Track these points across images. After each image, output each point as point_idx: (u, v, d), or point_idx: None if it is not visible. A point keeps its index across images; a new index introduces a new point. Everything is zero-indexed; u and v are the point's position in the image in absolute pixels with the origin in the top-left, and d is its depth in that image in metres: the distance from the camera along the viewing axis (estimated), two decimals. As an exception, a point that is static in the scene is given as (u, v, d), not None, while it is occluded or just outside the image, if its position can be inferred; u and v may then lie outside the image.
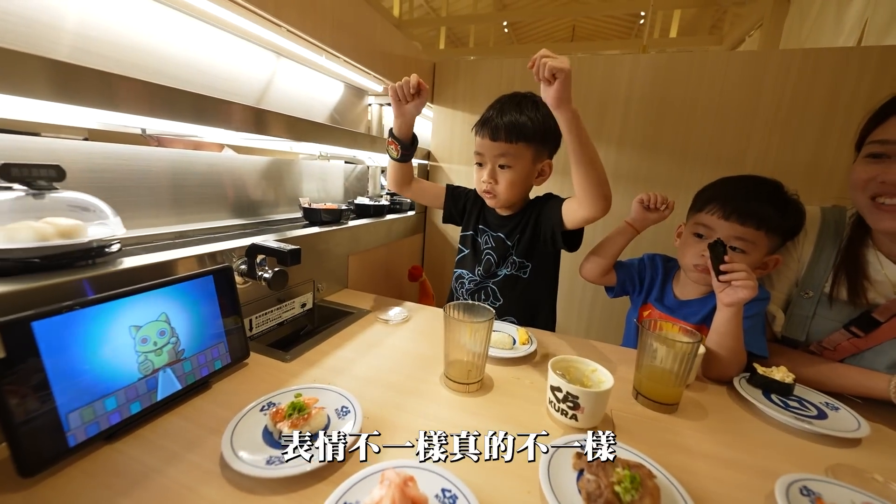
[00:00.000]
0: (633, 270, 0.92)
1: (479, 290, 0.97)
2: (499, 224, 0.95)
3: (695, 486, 0.45)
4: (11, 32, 0.62)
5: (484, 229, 0.97)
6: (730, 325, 0.67)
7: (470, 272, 0.99)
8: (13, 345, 0.40)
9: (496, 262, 0.94)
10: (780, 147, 1.24)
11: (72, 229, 0.54)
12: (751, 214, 0.70)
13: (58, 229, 0.52)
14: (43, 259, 0.51)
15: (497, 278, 0.94)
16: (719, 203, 0.73)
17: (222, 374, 0.62)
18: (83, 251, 0.55)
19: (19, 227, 0.50)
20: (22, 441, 0.40)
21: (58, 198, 0.56)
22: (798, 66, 1.19)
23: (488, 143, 0.82)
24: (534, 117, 0.79)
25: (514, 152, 0.81)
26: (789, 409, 0.61)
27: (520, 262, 0.92)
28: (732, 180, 0.78)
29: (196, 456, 0.45)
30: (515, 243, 0.91)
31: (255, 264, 0.73)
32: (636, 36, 6.71)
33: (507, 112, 0.80)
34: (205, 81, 0.94)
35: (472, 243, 0.99)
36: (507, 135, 0.80)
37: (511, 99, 0.83)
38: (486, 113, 0.84)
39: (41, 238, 0.50)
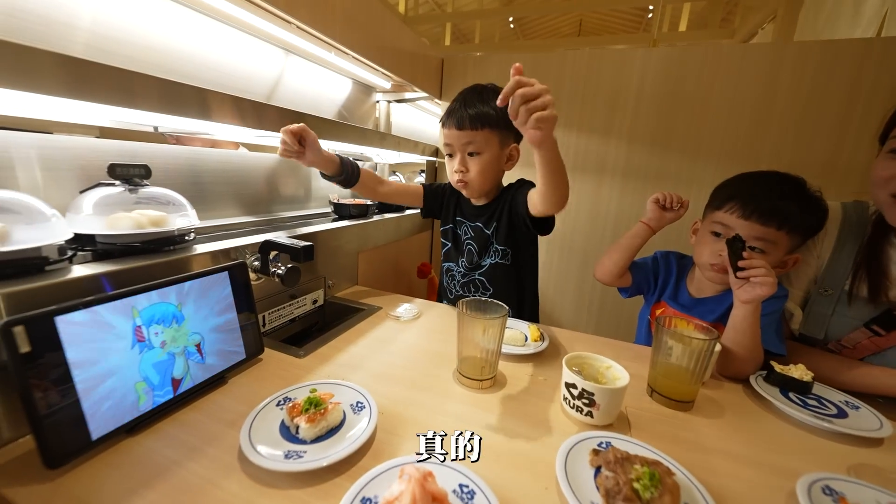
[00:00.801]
0: (648, 270, 0.90)
1: (468, 283, 0.99)
2: (475, 214, 0.96)
3: (714, 484, 0.44)
4: (29, 31, 0.62)
5: (461, 220, 0.99)
6: (746, 323, 0.66)
7: (455, 264, 1.01)
8: (37, 339, 0.40)
9: (478, 253, 0.96)
10: (795, 142, 1.22)
11: (160, 219, 0.63)
12: (773, 214, 0.68)
13: (149, 219, 0.62)
14: (141, 244, 0.61)
15: (483, 269, 0.96)
16: (739, 201, 0.71)
17: (238, 370, 0.63)
18: (169, 238, 0.65)
19: (121, 218, 0.60)
20: (47, 433, 0.41)
21: (147, 192, 0.65)
22: (816, 59, 1.16)
23: (455, 133, 0.84)
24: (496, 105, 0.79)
25: (480, 139, 0.83)
26: (808, 407, 0.60)
27: (502, 249, 0.93)
28: (753, 176, 0.75)
29: (215, 449, 0.46)
30: (494, 231, 0.93)
31: (269, 261, 0.73)
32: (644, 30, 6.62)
33: (470, 103, 0.82)
34: (215, 78, 0.95)
35: (452, 236, 1.01)
36: (472, 123, 0.81)
37: (473, 90, 0.85)
38: (451, 105, 0.86)
39: (138, 226, 0.60)
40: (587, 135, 1.46)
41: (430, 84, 1.58)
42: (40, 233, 0.50)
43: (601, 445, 0.48)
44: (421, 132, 2.13)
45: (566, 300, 1.62)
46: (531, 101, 0.52)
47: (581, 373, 0.58)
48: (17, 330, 0.39)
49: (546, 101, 0.52)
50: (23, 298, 0.45)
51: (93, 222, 0.58)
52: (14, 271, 0.47)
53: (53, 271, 0.50)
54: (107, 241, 0.58)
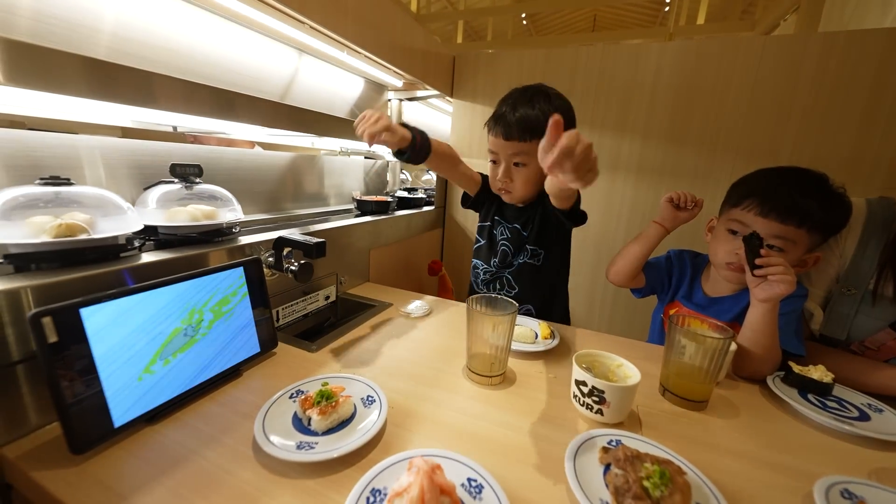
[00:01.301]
0: (662, 269, 0.89)
1: (494, 280, 0.98)
2: (514, 216, 0.95)
3: (727, 485, 0.44)
4: (56, 35, 0.65)
5: (500, 220, 0.97)
6: (764, 322, 0.64)
7: (485, 263, 1.00)
8: (63, 330, 0.42)
9: (512, 253, 0.95)
10: (819, 137, 1.18)
11: (212, 213, 0.71)
12: (792, 212, 0.66)
13: (203, 213, 0.69)
14: (196, 235, 0.69)
15: (512, 268, 0.94)
16: (757, 198, 0.69)
17: (252, 363, 0.64)
18: (219, 230, 0.73)
19: (178, 211, 0.67)
20: (72, 420, 0.42)
21: (200, 189, 0.72)
22: (841, 50, 1.12)
23: (502, 143, 0.80)
24: (547, 110, 0.77)
25: (528, 150, 0.79)
26: (828, 409, 0.59)
27: (533, 249, 0.91)
28: (772, 172, 0.73)
29: (230, 439, 0.47)
30: (529, 232, 0.92)
31: (282, 257, 0.75)
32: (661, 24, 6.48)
33: (518, 107, 0.78)
34: (232, 79, 0.97)
35: (488, 234, 1.00)
36: (521, 133, 0.78)
37: (523, 94, 0.80)
38: (498, 108, 0.82)
39: (193, 219, 0.68)
40: (600, 130, 1.44)
41: (442, 82, 1.58)
42: (118, 224, 0.57)
43: (611, 443, 0.48)
44: (432, 129, 2.13)
45: (578, 298, 1.60)
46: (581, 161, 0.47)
47: (591, 370, 0.58)
48: (46, 321, 0.41)
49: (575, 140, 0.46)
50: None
51: (156, 215, 0.66)
52: (96, 257, 0.54)
53: (127, 257, 0.57)
54: (168, 232, 0.66)
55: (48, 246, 0.50)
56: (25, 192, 0.52)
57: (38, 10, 0.63)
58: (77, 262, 0.52)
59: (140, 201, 0.68)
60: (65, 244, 0.51)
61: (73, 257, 0.52)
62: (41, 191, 0.53)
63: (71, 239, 0.51)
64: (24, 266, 0.50)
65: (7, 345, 0.44)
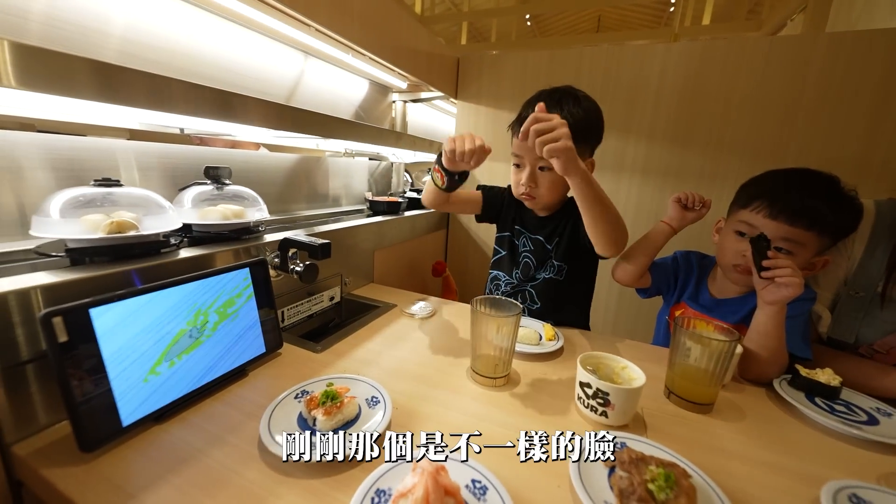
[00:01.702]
0: (668, 270, 0.88)
1: (515, 293, 0.94)
2: (537, 226, 0.91)
3: (732, 489, 0.43)
4: (67, 39, 0.66)
5: (521, 230, 0.94)
6: (770, 325, 0.63)
7: (507, 275, 0.96)
8: (73, 329, 0.43)
9: (535, 266, 0.92)
10: (826, 138, 1.17)
11: (240, 212, 0.75)
12: (801, 214, 0.65)
13: (233, 212, 0.74)
14: (227, 233, 0.74)
15: (536, 282, 0.91)
16: (766, 200, 0.68)
17: (258, 363, 0.65)
18: (247, 228, 0.78)
19: (210, 211, 0.72)
20: (82, 419, 0.43)
21: (230, 189, 0.78)
22: (848, 50, 1.11)
23: (525, 145, 0.79)
24: (576, 113, 0.75)
25: None
26: (836, 413, 0.58)
27: (558, 265, 0.88)
28: (782, 174, 0.72)
29: (236, 439, 0.48)
30: (555, 247, 0.89)
31: (288, 258, 0.75)
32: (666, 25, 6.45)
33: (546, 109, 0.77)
34: (239, 82, 0.98)
35: (509, 245, 0.96)
36: None
37: (550, 95, 0.78)
38: (524, 111, 0.80)
39: (224, 218, 0.72)
40: (605, 132, 1.44)
41: (446, 83, 1.59)
42: (160, 222, 0.61)
43: (616, 446, 0.47)
44: (436, 131, 2.14)
45: (582, 300, 1.60)
46: (545, 133, 0.56)
47: (596, 372, 0.57)
48: (56, 321, 0.41)
49: (558, 133, 0.56)
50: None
51: (191, 214, 0.71)
52: (141, 252, 0.59)
53: (167, 252, 0.62)
54: (201, 230, 0.72)
55: (102, 241, 0.54)
56: (83, 192, 0.57)
57: (50, 14, 0.64)
58: (125, 257, 0.57)
59: (177, 201, 0.72)
60: (116, 240, 0.55)
61: (122, 252, 0.57)
62: (95, 191, 0.58)
63: (121, 235, 0.56)
64: (79, 259, 0.55)
65: (17, 345, 0.45)
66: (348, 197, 1.40)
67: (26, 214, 0.61)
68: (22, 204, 0.62)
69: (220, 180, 0.76)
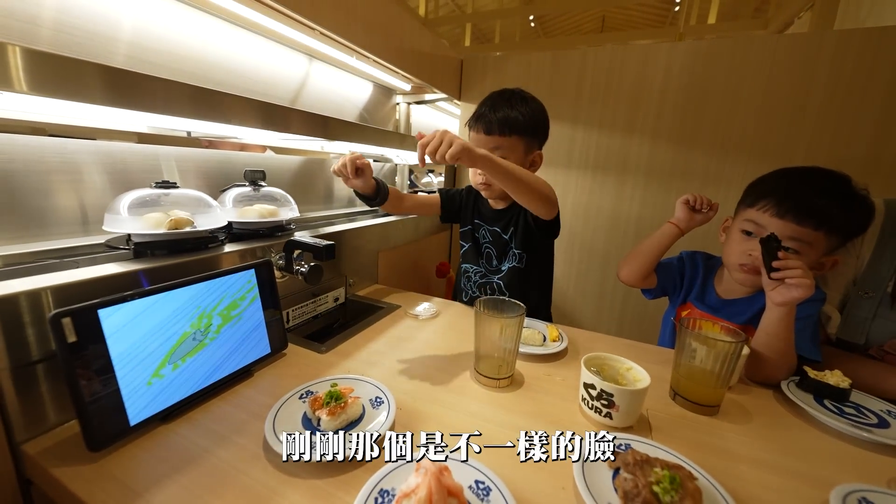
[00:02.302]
0: (674, 270, 0.87)
1: (484, 284, 1.00)
2: (493, 218, 0.98)
3: (739, 491, 0.43)
4: (76, 45, 0.67)
5: (480, 223, 1.01)
6: (779, 326, 0.63)
7: (474, 265, 1.02)
8: (82, 330, 0.44)
9: (497, 257, 0.98)
10: (834, 137, 1.16)
11: (274, 211, 0.82)
12: (810, 213, 0.64)
13: (268, 211, 0.80)
14: (262, 231, 0.81)
15: (501, 273, 0.97)
16: (774, 199, 0.67)
17: (263, 364, 0.65)
18: (280, 226, 0.84)
19: (248, 210, 0.79)
20: (90, 418, 0.44)
21: (265, 191, 0.84)
22: (857, 48, 1.10)
23: (483, 138, 0.85)
24: (524, 111, 0.84)
25: (507, 145, 0.84)
26: (845, 415, 0.57)
27: (519, 253, 0.94)
28: (791, 172, 0.71)
29: (242, 439, 0.48)
30: (511, 236, 0.95)
31: (293, 259, 0.76)
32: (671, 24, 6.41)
33: (498, 108, 0.84)
34: (245, 85, 0.99)
35: (471, 237, 1.03)
36: (500, 128, 0.83)
37: (501, 95, 0.86)
38: (479, 109, 0.87)
39: (261, 216, 0.79)
40: (609, 133, 1.43)
41: (450, 85, 1.59)
42: (209, 219, 0.68)
43: (620, 447, 0.47)
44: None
45: (586, 301, 1.59)
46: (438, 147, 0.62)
47: (600, 374, 0.57)
48: (65, 321, 0.42)
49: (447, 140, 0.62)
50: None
51: (231, 213, 0.77)
52: (193, 246, 0.66)
53: (213, 247, 0.69)
54: (241, 228, 0.78)
55: (163, 236, 0.61)
56: (148, 193, 0.64)
57: (60, 20, 0.65)
58: (180, 250, 0.64)
59: (220, 200, 0.78)
60: (175, 235, 0.62)
61: (178, 246, 0.64)
62: (155, 192, 0.65)
63: (179, 231, 0.62)
64: (142, 252, 0.62)
65: (27, 345, 0.46)
66: (353, 199, 1.41)
67: (87, 214, 0.67)
68: (84, 205, 0.67)
69: (256, 182, 0.84)
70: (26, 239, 0.60)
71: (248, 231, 0.79)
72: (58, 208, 0.63)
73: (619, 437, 0.49)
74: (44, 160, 0.61)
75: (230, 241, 0.75)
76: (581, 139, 1.47)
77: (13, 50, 0.44)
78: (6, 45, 0.43)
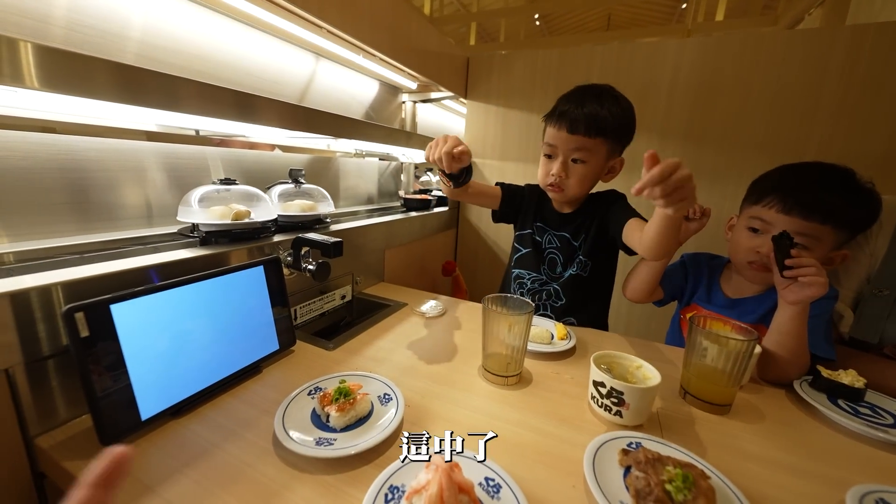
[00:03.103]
0: (678, 275, 0.86)
1: (541, 290, 0.93)
2: (560, 222, 0.91)
3: (752, 491, 0.42)
4: (88, 43, 0.68)
5: (543, 227, 0.93)
6: (793, 325, 0.62)
7: (533, 272, 0.95)
8: (94, 325, 0.44)
9: (562, 263, 0.91)
10: (847, 134, 1.14)
11: (313, 206, 0.92)
12: (816, 208, 0.64)
13: (308, 206, 0.90)
14: (304, 223, 0.90)
15: (562, 279, 0.90)
16: (779, 194, 0.67)
17: (272, 360, 0.65)
18: (319, 219, 0.94)
19: (291, 205, 0.89)
20: (102, 412, 0.44)
21: (305, 187, 0.95)
22: (871, 43, 1.08)
23: (565, 136, 0.78)
24: (614, 111, 0.76)
25: (590, 147, 0.77)
26: (860, 416, 0.56)
27: (584, 261, 0.88)
28: (794, 168, 0.71)
29: (251, 434, 0.48)
30: (581, 243, 0.88)
31: (300, 256, 0.76)
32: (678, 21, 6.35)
33: (587, 104, 0.76)
34: (252, 83, 0.99)
35: (531, 242, 0.95)
36: (587, 128, 0.76)
37: (590, 90, 0.79)
38: (563, 104, 0.79)
39: (303, 210, 0.89)
40: (616, 130, 1.42)
41: (456, 83, 1.59)
42: (263, 212, 0.77)
43: (631, 446, 0.47)
44: (446, 131, 2.13)
45: (593, 300, 1.58)
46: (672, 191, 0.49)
47: (610, 371, 0.57)
48: (78, 316, 0.42)
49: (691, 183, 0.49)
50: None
51: (277, 207, 0.84)
52: (248, 236, 0.75)
53: (265, 237, 0.78)
54: (286, 220, 0.87)
55: (227, 226, 0.70)
56: (214, 188, 0.74)
57: (72, 19, 0.65)
58: (239, 239, 0.73)
59: (267, 195, 0.84)
60: (236, 226, 0.72)
61: (237, 235, 0.73)
62: (219, 188, 0.75)
63: (239, 222, 0.71)
64: (207, 240, 0.70)
65: (38, 340, 0.46)
66: (359, 197, 1.41)
67: (152, 207, 0.75)
68: (149, 200, 0.75)
69: (297, 180, 0.93)
70: (98, 230, 0.68)
71: (292, 223, 0.88)
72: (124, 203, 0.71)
73: (629, 435, 0.49)
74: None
75: (278, 232, 0.83)
76: (588, 137, 1.46)
77: (25, 46, 0.44)
78: (17, 41, 0.43)
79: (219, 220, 0.69)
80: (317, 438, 0.46)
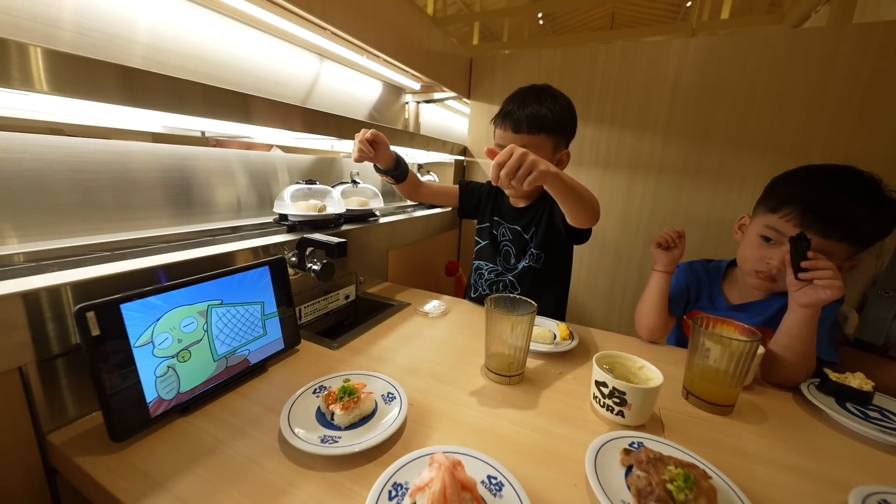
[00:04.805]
0: (680, 290, 0.84)
1: (497, 281, 1.00)
2: (514, 216, 0.98)
3: (755, 492, 0.43)
4: (96, 47, 0.69)
5: (499, 221, 1.00)
6: (802, 329, 0.61)
7: (490, 263, 1.02)
8: (105, 324, 0.45)
9: (515, 255, 0.97)
10: (852, 134, 1.13)
11: (366, 202, 1.10)
12: (835, 226, 0.61)
13: (362, 202, 1.09)
14: (361, 216, 1.09)
15: (516, 270, 0.97)
16: (799, 209, 0.64)
17: (277, 359, 0.66)
18: (370, 213, 1.12)
19: (351, 200, 1.08)
20: (113, 409, 0.45)
21: (361, 187, 1.13)
22: (878, 42, 1.07)
23: (510, 136, 0.84)
24: (553, 108, 0.82)
25: (535, 143, 0.83)
26: (870, 419, 0.56)
27: (537, 253, 0.94)
28: (819, 176, 0.67)
29: (257, 432, 0.49)
30: (532, 236, 0.94)
31: (305, 256, 0.77)
32: (682, 20, 6.31)
33: (527, 104, 0.82)
34: (256, 85, 1.00)
35: (489, 235, 1.02)
36: (529, 126, 0.81)
37: (530, 91, 0.85)
38: (507, 106, 0.86)
39: (361, 205, 1.08)
40: (619, 130, 1.42)
41: (459, 84, 1.59)
42: (336, 207, 0.95)
43: (633, 445, 0.47)
44: (449, 131, 2.14)
45: (597, 300, 1.58)
46: (518, 169, 0.57)
47: (613, 372, 0.57)
48: (89, 315, 0.43)
49: (528, 163, 0.57)
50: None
51: (341, 203, 0.98)
52: (324, 225, 0.92)
53: (335, 227, 0.95)
54: (348, 213, 1.02)
55: (311, 217, 0.88)
56: (300, 187, 0.91)
57: (80, 23, 0.67)
58: (319, 228, 0.90)
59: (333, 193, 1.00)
60: (318, 217, 0.89)
61: (317, 224, 0.90)
62: (303, 186, 0.91)
63: (320, 214, 0.88)
64: (294, 227, 0.87)
65: (49, 339, 0.47)
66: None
67: (241, 202, 0.91)
68: (238, 197, 0.90)
69: (355, 180, 1.11)
70: (196, 221, 0.81)
71: (352, 216, 1.04)
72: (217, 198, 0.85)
73: (631, 435, 0.49)
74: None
75: (342, 224, 0.98)
76: (591, 137, 1.46)
77: (34, 51, 0.45)
78: (27, 46, 0.44)
79: (304, 211, 0.87)
80: (322, 436, 0.47)
